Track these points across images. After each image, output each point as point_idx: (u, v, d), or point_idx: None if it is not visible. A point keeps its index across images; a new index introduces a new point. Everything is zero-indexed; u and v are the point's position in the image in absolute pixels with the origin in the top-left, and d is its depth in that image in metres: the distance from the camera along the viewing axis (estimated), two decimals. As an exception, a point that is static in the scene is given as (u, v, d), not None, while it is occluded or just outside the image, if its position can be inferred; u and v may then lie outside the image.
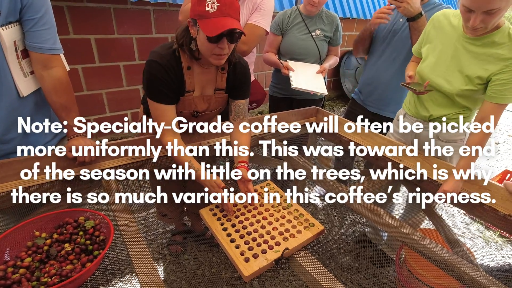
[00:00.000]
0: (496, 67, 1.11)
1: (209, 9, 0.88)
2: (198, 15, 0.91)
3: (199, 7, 0.89)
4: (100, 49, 2.58)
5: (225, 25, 0.89)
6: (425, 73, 1.29)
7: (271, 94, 2.15)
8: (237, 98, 1.18)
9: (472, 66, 1.16)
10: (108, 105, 2.82)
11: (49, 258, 0.83)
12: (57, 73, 1.02)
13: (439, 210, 2.34)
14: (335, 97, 4.98)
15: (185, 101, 1.11)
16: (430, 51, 1.29)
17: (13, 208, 1.00)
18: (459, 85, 1.20)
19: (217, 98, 1.18)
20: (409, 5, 1.47)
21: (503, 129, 4.28)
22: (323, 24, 1.91)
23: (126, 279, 1.54)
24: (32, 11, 0.92)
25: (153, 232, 1.90)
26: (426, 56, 1.31)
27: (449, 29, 1.23)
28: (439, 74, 1.25)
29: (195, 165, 1.04)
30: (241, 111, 1.19)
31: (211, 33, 0.89)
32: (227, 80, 1.14)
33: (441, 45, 1.25)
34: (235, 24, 0.90)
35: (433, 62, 1.27)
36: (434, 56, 1.27)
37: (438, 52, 1.26)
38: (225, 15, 0.90)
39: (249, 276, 0.81)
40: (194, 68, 1.07)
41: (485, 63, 1.13)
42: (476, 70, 1.15)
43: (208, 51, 0.96)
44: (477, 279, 0.84)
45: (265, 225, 0.97)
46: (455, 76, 1.21)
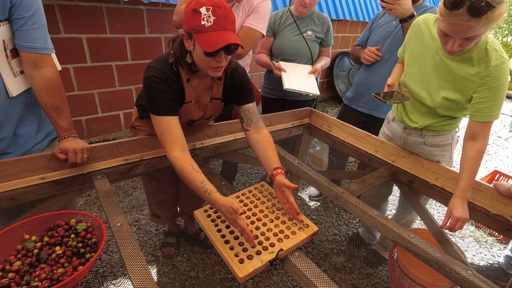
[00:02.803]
0: (474, 85, 1.09)
1: (205, 23, 0.86)
2: (194, 29, 0.88)
3: (195, 21, 0.87)
4: (92, 48, 2.54)
5: (223, 39, 0.87)
6: (409, 84, 1.28)
7: (264, 95, 2.16)
8: (243, 103, 1.15)
9: (451, 83, 1.15)
10: (100, 106, 2.78)
11: (39, 261, 0.81)
12: (48, 73, 1.00)
13: (431, 210, 2.38)
14: (328, 98, 5.01)
15: (182, 111, 1.10)
16: (412, 60, 1.27)
17: (2, 210, 0.98)
18: (439, 99, 1.18)
19: (213, 106, 1.17)
20: (400, 7, 1.49)
21: (492, 130, 4.37)
22: (314, 25, 1.93)
23: (119, 282, 1.52)
24: (22, 10, 0.90)
25: (146, 234, 1.88)
26: (408, 65, 1.29)
27: (429, 40, 1.19)
28: (421, 87, 1.23)
29: (208, 187, 0.91)
30: (252, 115, 1.14)
31: (209, 49, 0.87)
32: (224, 89, 1.13)
33: (421, 56, 1.22)
34: (232, 37, 0.88)
35: (415, 74, 1.25)
36: (415, 67, 1.25)
37: (420, 63, 1.23)
38: (221, 28, 0.87)
39: (244, 278, 0.80)
40: (192, 80, 1.06)
41: (463, 80, 1.11)
42: (455, 86, 1.14)
43: (205, 64, 0.94)
44: (468, 278, 0.85)
45: (259, 226, 0.97)
46: (435, 90, 1.19)
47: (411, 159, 1.35)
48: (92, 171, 1.13)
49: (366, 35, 1.86)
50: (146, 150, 1.25)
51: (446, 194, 1.23)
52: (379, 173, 1.34)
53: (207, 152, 1.39)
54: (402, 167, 1.37)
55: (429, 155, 1.34)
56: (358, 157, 1.57)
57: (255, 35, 1.52)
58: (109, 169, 1.16)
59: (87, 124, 2.78)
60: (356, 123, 1.75)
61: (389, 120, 1.52)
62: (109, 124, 2.91)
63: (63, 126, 1.04)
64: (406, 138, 1.40)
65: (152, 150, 1.26)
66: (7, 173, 0.98)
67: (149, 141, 1.24)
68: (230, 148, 1.47)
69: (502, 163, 3.38)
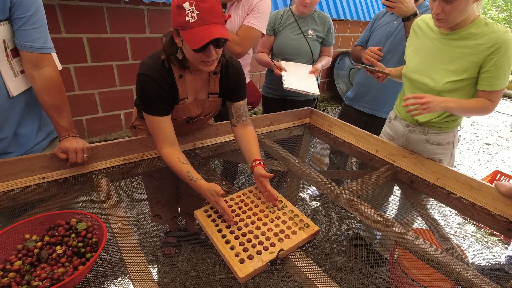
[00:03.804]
0: (480, 57, 1.12)
1: (190, 19, 0.84)
2: (180, 26, 0.87)
3: (179, 18, 0.85)
4: (93, 48, 2.55)
5: (208, 34, 0.85)
6: (410, 75, 1.31)
7: (264, 94, 2.15)
8: (235, 100, 1.17)
9: (456, 61, 1.18)
10: (100, 105, 2.78)
11: (40, 261, 0.81)
12: (48, 72, 1.00)
13: (432, 210, 2.37)
14: (329, 98, 5.01)
15: (179, 108, 1.10)
16: (412, 54, 1.32)
17: (3, 210, 0.98)
18: (442, 79, 1.21)
19: (211, 102, 1.17)
20: (403, 5, 1.49)
21: (494, 130, 4.36)
22: (315, 24, 1.92)
23: (119, 281, 1.52)
24: (22, 9, 0.90)
25: (147, 234, 1.88)
26: (409, 59, 1.34)
27: (428, 31, 1.27)
28: (423, 74, 1.27)
29: (193, 175, 1.00)
30: (242, 113, 1.17)
31: (195, 45, 0.86)
32: (220, 83, 1.13)
33: (422, 46, 1.28)
34: (218, 31, 0.87)
35: (416, 63, 1.29)
36: (416, 57, 1.30)
37: (420, 53, 1.28)
38: (206, 23, 0.86)
39: (244, 278, 0.80)
40: (185, 76, 1.05)
41: (468, 55, 1.15)
42: (461, 63, 1.17)
43: (196, 60, 0.94)
44: (469, 278, 0.85)
45: (260, 226, 0.97)
46: (439, 73, 1.22)
47: (412, 159, 1.35)
48: (93, 170, 1.13)
49: (367, 35, 1.86)
50: (147, 149, 1.25)
51: (447, 194, 1.22)
52: (380, 173, 1.33)
53: (208, 152, 1.39)
54: (403, 167, 1.37)
55: (431, 153, 1.34)
56: (359, 157, 1.56)
57: (254, 34, 1.52)
58: (109, 169, 1.16)
59: (87, 124, 2.78)
60: (357, 123, 1.75)
61: (390, 119, 1.52)
62: (110, 124, 2.91)
63: (63, 125, 1.04)
64: (408, 136, 1.40)
65: (152, 149, 1.26)
66: (7, 172, 0.98)
67: (149, 140, 1.24)
68: (231, 147, 1.47)
69: (503, 163, 3.37)
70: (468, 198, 1.17)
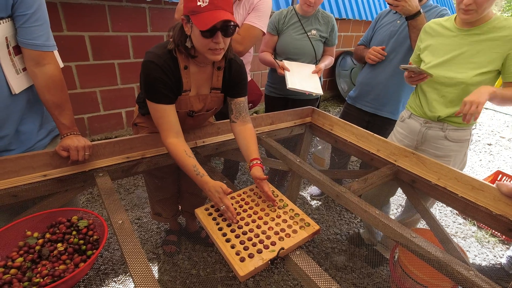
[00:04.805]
0: (505, 48, 1.17)
1: (201, 3, 0.87)
2: (191, 11, 0.90)
3: (191, 3, 0.89)
4: (94, 46, 2.55)
5: (217, 17, 0.88)
6: (432, 70, 1.31)
7: (267, 93, 2.15)
8: (236, 96, 1.17)
9: (480, 54, 1.22)
10: (102, 103, 2.79)
11: (41, 258, 0.82)
12: (50, 70, 1.00)
13: (433, 209, 2.37)
14: (331, 97, 5.00)
15: (181, 100, 1.10)
16: (430, 53, 1.33)
17: (4, 207, 0.98)
18: (472, 72, 1.24)
19: (213, 97, 1.17)
20: (407, 4, 1.48)
21: (495, 130, 4.35)
22: (319, 24, 1.92)
23: (120, 279, 1.53)
24: (24, 7, 0.90)
25: (148, 232, 1.89)
26: (429, 59, 1.35)
27: (443, 30, 1.29)
28: (449, 69, 1.29)
29: (199, 170, 0.99)
30: (242, 109, 1.18)
31: (203, 27, 0.88)
32: (223, 79, 1.14)
33: (440, 44, 1.30)
34: (227, 16, 0.89)
35: (440, 61, 1.31)
36: (435, 55, 1.31)
37: (439, 51, 1.30)
38: (217, 7, 0.89)
39: (245, 276, 0.80)
40: (190, 68, 1.06)
41: (494, 47, 1.19)
42: (485, 56, 1.20)
43: (204, 47, 0.95)
44: (470, 278, 0.85)
45: (260, 224, 0.97)
46: (466, 67, 1.25)
47: (414, 158, 1.34)
48: (94, 168, 1.13)
49: (370, 34, 1.85)
50: (148, 148, 1.25)
51: (449, 194, 1.22)
52: (381, 172, 1.33)
53: (209, 150, 1.39)
54: (404, 166, 1.36)
55: (447, 150, 1.37)
56: (360, 156, 1.56)
57: (255, 32, 1.52)
58: (110, 167, 1.16)
59: (89, 122, 2.78)
60: (360, 122, 1.75)
61: (403, 118, 1.53)
62: (111, 122, 2.92)
63: (65, 123, 1.04)
64: (425, 132, 1.42)
65: (153, 148, 1.26)
66: (9, 170, 0.98)
67: (151, 138, 1.24)
68: (232, 146, 1.46)
69: (505, 163, 3.36)
70: (470, 198, 1.17)
